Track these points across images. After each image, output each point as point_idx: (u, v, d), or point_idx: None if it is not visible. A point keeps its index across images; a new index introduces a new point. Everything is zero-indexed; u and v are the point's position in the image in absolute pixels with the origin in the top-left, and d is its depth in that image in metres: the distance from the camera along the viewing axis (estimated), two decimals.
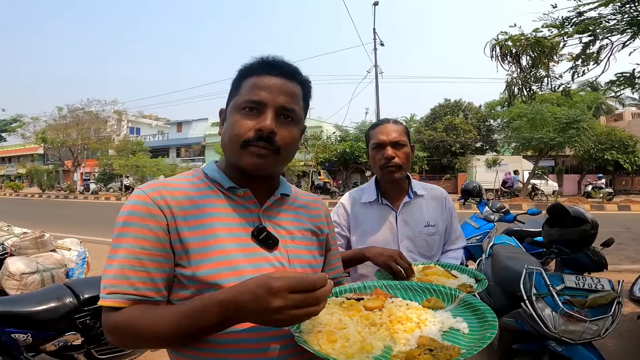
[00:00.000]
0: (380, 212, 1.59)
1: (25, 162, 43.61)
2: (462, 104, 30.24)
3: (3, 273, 3.78)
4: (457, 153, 27.43)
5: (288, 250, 0.89)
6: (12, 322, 2.27)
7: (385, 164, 1.52)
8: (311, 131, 26.60)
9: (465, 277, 1.25)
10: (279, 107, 0.84)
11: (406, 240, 1.56)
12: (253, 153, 0.83)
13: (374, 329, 0.73)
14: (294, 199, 0.99)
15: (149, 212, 0.78)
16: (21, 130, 33.46)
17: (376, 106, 19.38)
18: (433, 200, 1.64)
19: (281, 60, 0.89)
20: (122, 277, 0.75)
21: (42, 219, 12.81)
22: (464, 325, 0.76)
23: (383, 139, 1.52)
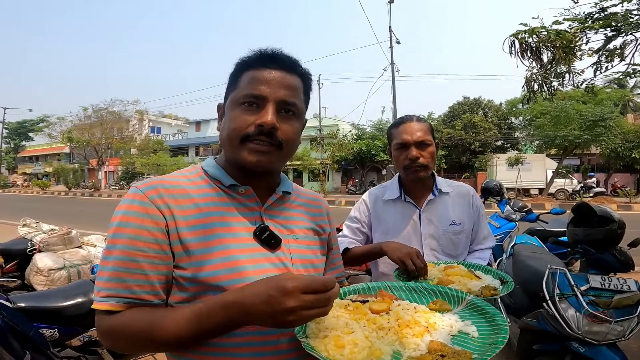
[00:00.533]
0: (403, 210, 1.56)
1: (52, 161, 45.17)
2: (482, 101, 29.66)
3: (31, 269, 3.92)
4: (477, 151, 26.94)
5: (291, 250, 0.86)
6: (40, 317, 2.35)
7: (410, 164, 1.47)
8: (327, 130, 26.61)
9: (489, 278, 1.21)
10: (279, 101, 0.81)
11: (430, 238, 1.52)
12: (253, 149, 0.80)
13: (382, 333, 0.71)
14: (295, 197, 0.96)
15: (146, 212, 0.75)
16: (48, 130, 34.79)
17: (393, 104, 19.23)
18: (459, 197, 1.59)
19: (281, 53, 0.85)
20: (117, 280, 0.72)
21: (68, 216, 13.28)
22: (473, 329, 0.74)
23: (407, 139, 1.46)
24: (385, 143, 16.66)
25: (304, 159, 25.63)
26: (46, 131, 35.16)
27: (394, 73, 19.53)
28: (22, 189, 36.46)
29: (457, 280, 1.16)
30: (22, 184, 40.46)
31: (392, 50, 19.64)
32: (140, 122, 37.07)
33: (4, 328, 1.81)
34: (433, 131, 1.56)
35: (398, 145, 1.49)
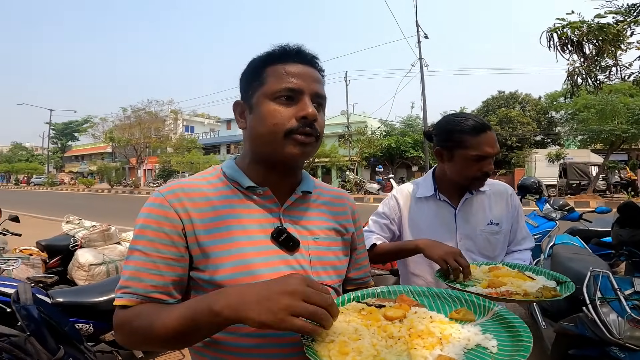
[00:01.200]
0: (437, 208, 1.48)
1: (96, 160, 47.82)
2: (519, 95, 28.46)
3: (73, 264, 4.15)
4: (514, 147, 25.90)
5: (310, 252, 0.85)
6: (77, 312, 2.48)
7: (482, 177, 1.38)
8: (355, 126, 26.46)
9: (542, 278, 1.13)
10: (314, 94, 0.82)
11: (465, 239, 1.45)
12: (298, 141, 0.80)
13: (391, 342, 0.67)
14: (317, 196, 0.94)
15: (165, 215, 0.77)
16: (92, 131, 36.80)
17: (422, 100, 18.79)
18: (496, 196, 1.51)
19: (303, 48, 0.86)
20: (136, 279, 0.75)
21: (109, 212, 13.96)
22: (493, 344, 0.67)
23: (490, 152, 1.35)
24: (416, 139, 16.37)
25: (332, 155, 25.64)
26: (90, 131, 37.25)
27: (423, 68, 19.03)
28: (69, 186, 38.82)
29: (509, 281, 1.07)
30: (69, 182, 43.06)
31: (420, 45, 19.13)
32: (175, 122, 38.47)
33: (40, 323, 1.91)
34: None
35: (477, 157, 1.35)
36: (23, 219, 4.69)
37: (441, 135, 1.44)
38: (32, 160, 54.53)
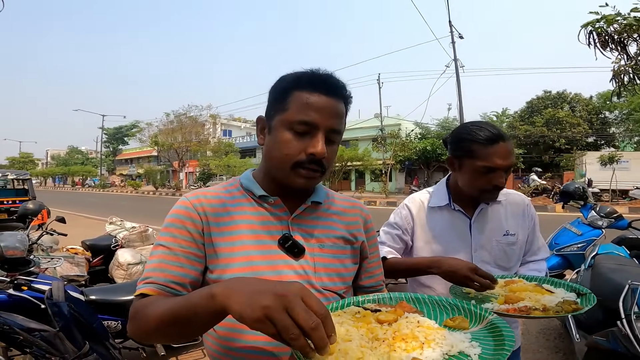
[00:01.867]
0: (451, 218, 1.43)
1: (143, 163, 50.60)
2: (567, 95, 26.84)
3: (113, 263, 4.39)
4: (563, 149, 24.38)
5: (315, 259, 0.89)
6: (107, 309, 2.62)
7: (493, 190, 1.32)
8: (389, 129, 26.08)
9: (562, 291, 1.10)
10: (329, 130, 0.85)
11: (481, 250, 1.40)
12: (303, 175, 0.85)
13: (376, 344, 0.69)
14: (329, 205, 0.98)
15: (189, 215, 0.84)
16: (139, 135, 38.96)
17: (458, 102, 18.08)
18: (513, 206, 1.46)
19: (331, 77, 0.88)
20: (159, 270, 0.80)
21: (152, 214, 14.66)
22: (477, 351, 0.68)
23: (501, 165, 1.28)
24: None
25: (365, 159, 25.38)
26: (138, 136, 39.47)
27: (458, 69, 18.34)
28: (119, 188, 41.30)
29: (527, 296, 1.05)
30: (119, 184, 45.86)
31: (455, 46, 18.44)
32: (214, 126, 39.87)
33: (69, 319, 2.04)
34: None
35: (486, 169, 1.29)
36: (74, 218, 5.05)
37: (453, 144, 1.41)
38: (87, 163, 58.56)
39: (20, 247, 2.42)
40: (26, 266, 2.43)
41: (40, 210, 4.95)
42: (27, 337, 1.99)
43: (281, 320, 0.53)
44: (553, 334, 3.57)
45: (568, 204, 5.01)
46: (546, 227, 5.29)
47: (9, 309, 2.19)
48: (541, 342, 3.44)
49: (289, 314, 0.54)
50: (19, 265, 2.39)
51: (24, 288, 2.28)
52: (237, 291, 0.59)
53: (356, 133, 31.64)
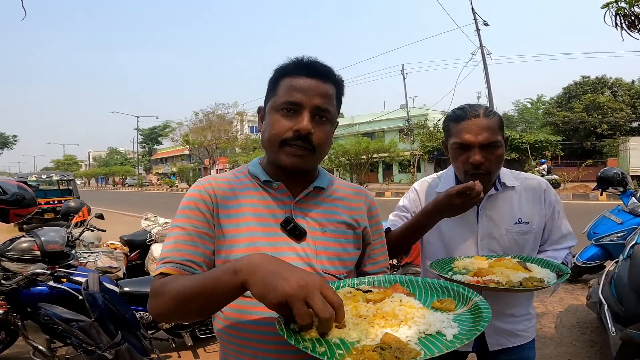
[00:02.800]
0: None
1: (176, 161, 52.41)
2: (607, 80, 25.37)
3: (149, 258, 4.59)
4: (605, 135, 23.02)
5: (316, 242, 0.92)
6: (139, 301, 2.76)
7: (472, 170, 1.25)
8: (416, 120, 25.54)
9: (545, 271, 1.10)
10: (314, 108, 0.87)
11: (488, 239, 1.34)
12: (290, 152, 0.88)
13: (359, 321, 0.71)
14: (332, 191, 1.01)
15: (201, 198, 0.90)
16: (171, 135, 40.29)
17: (487, 89, 17.43)
18: (528, 192, 1.37)
19: (315, 61, 0.92)
20: (175, 250, 0.85)
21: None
22: (454, 331, 0.69)
23: (469, 140, 1.22)
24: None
25: (392, 150, 25.03)
26: (170, 135, 40.85)
27: (485, 56, 17.64)
28: (156, 187, 43.06)
29: (499, 271, 1.07)
30: (156, 182, 47.78)
31: (479, 33, 17.77)
32: (241, 123, 40.52)
33: (104, 310, 2.16)
34: (503, 126, 1.30)
35: (457, 145, 1.26)
36: (114, 216, 5.37)
37: (443, 129, 1.42)
38: (126, 163, 61.39)
39: (60, 242, 2.59)
40: (65, 259, 2.60)
41: (81, 208, 5.26)
42: (65, 327, 2.13)
43: (300, 308, 0.60)
44: (590, 327, 3.41)
45: (607, 191, 4.75)
46: (587, 216, 5.05)
47: (49, 301, 2.36)
48: (576, 335, 3.30)
49: (307, 302, 0.60)
50: (59, 258, 2.55)
51: (63, 280, 2.45)
52: (261, 271, 0.64)
53: (382, 125, 31.23)
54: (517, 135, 22.79)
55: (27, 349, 2.57)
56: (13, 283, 2.36)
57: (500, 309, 1.32)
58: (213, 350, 3.18)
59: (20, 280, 2.37)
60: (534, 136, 22.07)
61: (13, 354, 2.94)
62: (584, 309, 3.71)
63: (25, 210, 2.75)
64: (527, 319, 1.41)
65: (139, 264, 4.80)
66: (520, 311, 1.38)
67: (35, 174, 13.06)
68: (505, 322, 1.36)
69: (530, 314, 1.43)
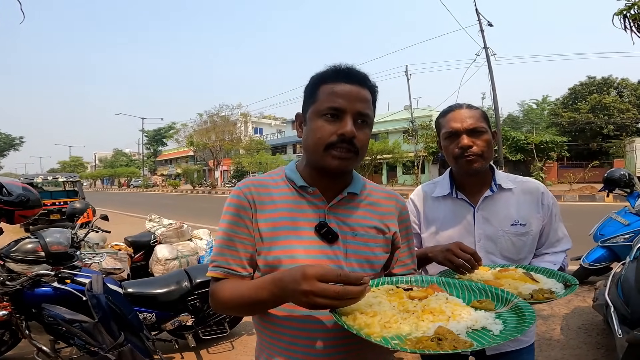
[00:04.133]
0: (454, 207, 1.42)
1: (180, 163, 52.61)
2: (614, 80, 25.25)
3: (153, 258, 4.61)
4: (611, 136, 22.86)
5: (347, 246, 0.96)
6: (143, 302, 2.76)
7: (462, 153, 1.33)
8: (420, 121, 25.48)
9: (552, 282, 1.10)
10: (356, 113, 0.92)
11: (485, 240, 1.37)
12: (336, 156, 0.92)
13: (407, 315, 0.76)
14: (365, 196, 1.04)
15: (241, 204, 0.96)
16: (176, 136, 40.48)
17: (492, 90, 17.38)
18: (525, 195, 1.40)
19: (353, 68, 0.97)
20: (220, 254, 0.94)
21: (189, 211, 15.26)
22: (498, 328, 0.74)
23: (456, 127, 1.33)
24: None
25: (396, 151, 24.99)
26: (175, 137, 41.05)
27: (490, 57, 17.57)
28: (160, 188, 43.22)
29: (507, 283, 1.09)
30: (160, 183, 47.98)
31: (484, 34, 17.72)
32: (245, 124, 40.65)
33: (107, 310, 2.17)
34: (489, 119, 1.39)
35: (447, 134, 1.36)
36: (119, 217, 5.41)
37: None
38: (131, 164, 61.72)
39: (64, 243, 2.60)
40: (70, 260, 2.61)
41: (86, 209, 5.28)
42: (69, 328, 2.14)
43: (321, 289, 0.71)
44: (595, 329, 3.37)
45: (614, 192, 4.70)
46: (593, 218, 4.99)
47: (53, 302, 2.37)
48: (582, 337, 3.26)
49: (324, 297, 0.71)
50: (63, 259, 2.56)
51: (67, 281, 2.45)
52: (285, 288, 0.77)
53: (386, 126, 31.15)
54: (523, 136, 22.67)
55: (31, 349, 2.57)
56: (17, 284, 2.37)
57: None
58: (216, 351, 3.19)
59: (25, 281, 2.38)
60: (540, 137, 21.93)
61: (17, 355, 2.95)
62: (590, 311, 3.67)
63: (30, 211, 2.76)
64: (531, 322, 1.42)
65: (143, 265, 4.81)
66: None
67: (42, 175, 13.12)
68: None
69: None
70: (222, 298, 0.91)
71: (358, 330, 0.71)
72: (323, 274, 0.71)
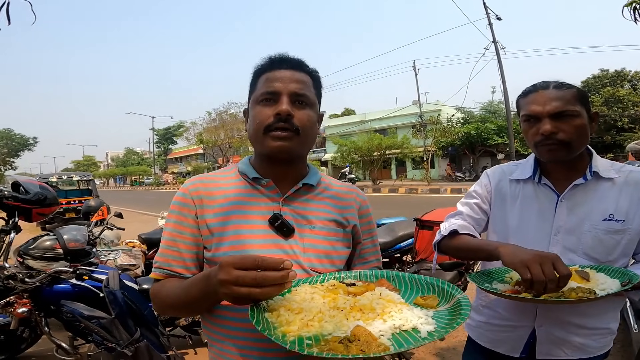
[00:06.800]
0: (534, 193, 1.23)
1: (190, 161, 53.08)
2: (627, 73, 24.79)
3: None
4: (625, 129, 22.46)
5: (304, 239, 0.92)
6: None
7: (542, 140, 1.14)
8: (429, 115, 25.27)
9: (611, 281, 0.98)
10: (292, 94, 0.90)
11: (565, 234, 1.16)
12: (275, 136, 0.89)
13: (335, 313, 0.71)
14: (323, 189, 1.01)
15: (184, 202, 0.93)
16: (185, 134, 40.80)
17: (502, 84, 17.16)
18: (630, 187, 1.16)
19: (287, 55, 0.96)
20: (162, 255, 0.92)
21: None
22: (430, 328, 0.68)
23: (537, 111, 1.14)
24: (500, 125, 15.16)
25: (404, 147, 24.83)
26: (184, 135, 41.38)
27: (499, 51, 17.31)
28: (172, 186, 43.66)
29: None
30: (171, 181, 48.49)
31: (492, 28, 17.45)
32: None
33: (123, 306, 2.21)
34: (585, 99, 1.16)
35: (525, 118, 1.19)
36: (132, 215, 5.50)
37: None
38: (142, 163, 62.41)
39: (81, 240, 2.65)
40: (87, 257, 2.66)
41: (100, 207, 5.38)
42: (87, 325, 2.19)
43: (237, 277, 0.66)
44: None
45: None
46: None
47: (71, 298, 2.42)
48: None
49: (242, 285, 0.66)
50: (80, 256, 2.62)
51: (85, 278, 2.50)
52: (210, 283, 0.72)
53: (394, 121, 30.95)
54: None
55: (50, 347, 2.62)
56: (37, 281, 2.43)
57: (564, 316, 1.16)
58: None
59: (44, 278, 2.43)
60: None
61: (37, 352, 3.01)
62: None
63: (48, 209, 2.82)
64: (602, 334, 1.20)
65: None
66: (595, 324, 1.18)
67: (56, 174, 13.40)
68: (570, 332, 1.17)
69: (608, 329, 1.21)
70: (160, 299, 0.89)
71: (264, 328, 0.66)
72: (239, 261, 0.67)
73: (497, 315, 1.28)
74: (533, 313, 1.20)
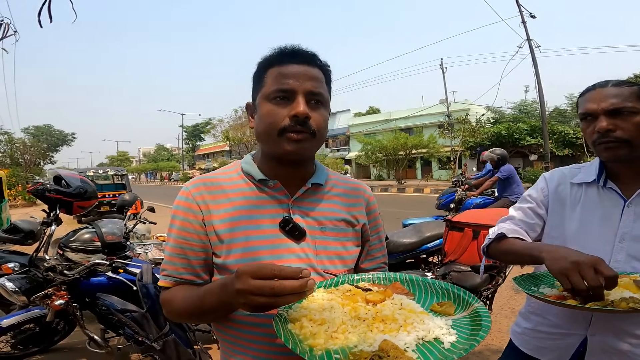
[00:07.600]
0: (598, 197, 1.17)
1: (217, 157, 54.18)
2: None
3: None
4: None
5: (316, 242, 0.89)
6: None
7: (599, 138, 1.10)
8: (457, 115, 24.62)
9: None
10: (307, 92, 0.85)
11: (631, 241, 1.09)
12: (291, 139, 0.84)
13: (357, 323, 0.70)
14: (330, 187, 0.97)
15: (189, 207, 0.88)
16: (212, 131, 41.70)
17: (537, 83, 16.47)
18: None
19: (300, 48, 0.89)
20: (170, 263, 0.88)
21: None
22: (452, 339, 0.67)
23: (592, 108, 1.11)
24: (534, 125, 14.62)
25: (431, 146, 24.34)
26: (212, 132, 42.32)
27: (533, 49, 16.63)
28: None
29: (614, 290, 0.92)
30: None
31: (526, 26, 16.78)
32: None
33: (155, 300, 2.25)
34: None
35: (582, 116, 1.16)
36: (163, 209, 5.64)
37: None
38: (172, 159, 64.35)
39: (118, 233, 2.74)
40: (122, 251, 2.74)
41: (135, 201, 5.55)
42: (120, 318, 2.25)
43: (255, 287, 0.64)
44: None
45: None
46: None
47: (107, 291, 2.50)
48: None
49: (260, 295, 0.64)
50: (117, 249, 2.69)
51: (120, 271, 2.58)
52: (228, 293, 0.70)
53: (420, 120, 30.42)
54: (571, 130, 21.43)
55: (82, 339, 2.67)
56: (75, 273, 2.50)
57: (621, 325, 1.08)
58: None
59: (82, 270, 2.51)
60: None
61: (69, 344, 3.08)
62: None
63: (87, 202, 2.92)
64: None
65: None
66: None
67: (93, 169, 13.95)
68: (625, 341, 1.08)
69: None
70: (172, 307, 0.86)
71: (295, 345, 0.65)
72: (256, 271, 0.65)
73: (546, 322, 1.22)
74: (587, 321, 1.12)
